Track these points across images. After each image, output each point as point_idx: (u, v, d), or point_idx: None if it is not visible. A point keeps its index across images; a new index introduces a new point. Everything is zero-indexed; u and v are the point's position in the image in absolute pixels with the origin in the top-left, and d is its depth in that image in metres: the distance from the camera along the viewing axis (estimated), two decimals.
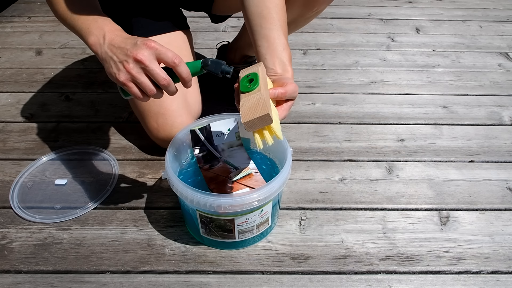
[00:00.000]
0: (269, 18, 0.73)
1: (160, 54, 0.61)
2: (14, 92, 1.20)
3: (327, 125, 1.08)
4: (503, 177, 0.93)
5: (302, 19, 0.96)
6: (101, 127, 1.06)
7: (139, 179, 0.91)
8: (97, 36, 0.65)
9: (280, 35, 0.72)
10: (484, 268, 0.74)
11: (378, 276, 0.73)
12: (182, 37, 0.99)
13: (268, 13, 0.73)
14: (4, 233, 0.80)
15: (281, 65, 0.71)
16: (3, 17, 1.63)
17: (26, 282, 0.71)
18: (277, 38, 0.72)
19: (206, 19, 1.58)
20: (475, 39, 1.51)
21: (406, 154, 0.99)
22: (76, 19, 0.69)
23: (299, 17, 0.94)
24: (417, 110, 1.14)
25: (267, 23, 0.73)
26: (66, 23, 0.72)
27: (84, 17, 0.68)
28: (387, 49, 1.44)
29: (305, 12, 0.93)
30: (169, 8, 1.00)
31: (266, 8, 0.74)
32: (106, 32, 0.64)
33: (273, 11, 0.73)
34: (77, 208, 0.84)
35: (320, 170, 0.94)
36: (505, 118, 1.11)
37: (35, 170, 0.93)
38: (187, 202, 0.70)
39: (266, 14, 0.73)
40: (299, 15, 0.93)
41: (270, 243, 0.78)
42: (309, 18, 0.97)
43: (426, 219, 0.83)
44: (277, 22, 0.73)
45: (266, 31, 0.73)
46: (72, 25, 0.70)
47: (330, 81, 1.26)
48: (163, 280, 0.72)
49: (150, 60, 0.60)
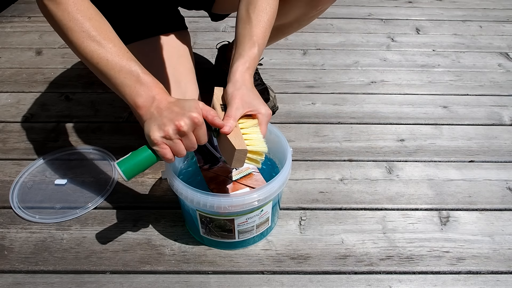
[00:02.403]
0: (247, 21, 0.72)
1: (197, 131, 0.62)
2: (14, 92, 1.20)
3: (327, 125, 1.08)
4: (503, 177, 0.93)
5: (305, 18, 0.96)
6: (101, 127, 1.06)
7: (139, 179, 0.91)
8: (146, 99, 0.63)
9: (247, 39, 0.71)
10: (484, 268, 0.74)
11: (378, 276, 0.73)
12: (181, 37, 0.99)
13: (248, 17, 0.72)
14: (4, 233, 0.80)
15: (231, 74, 0.69)
16: (3, 17, 1.63)
17: (26, 282, 0.71)
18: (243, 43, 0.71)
19: (206, 19, 1.58)
20: (475, 39, 1.51)
21: (406, 154, 0.99)
22: (117, 71, 0.63)
23: (303, 16, 0.94)
24: (417, 110, 1.14)
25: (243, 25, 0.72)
26: (96, 67, 0.64)
27: (126, 69, 0.63)
28: (387, 49, 1.44)
29: (309, 11, 0.93)
30: (168, 8, 1.00)
31: (248, 12, 0.73)
32: (155, 95, 0.63)
33: (254, 15, 0.72)
34: (77, 208, 0.84)
35: (320, 170, 0.94)
36: (505, 118, 1.11)
37: (35, 170, 0.93)
38: (187, 202, 0.70)
39: (246, 17, 0.73)
40: (303, 14, 0.93)
41: (270, 243, 0.78)
42: (313, 17, 0.97)
43: (426, 219, 0.83)
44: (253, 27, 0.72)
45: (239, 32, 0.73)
46: (108, 74, 0.63)
47: (330, 81, 1.26)
48: (163, 280, 0.72)
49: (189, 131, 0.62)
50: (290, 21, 0.95)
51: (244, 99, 0.66)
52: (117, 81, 0.64)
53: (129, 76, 0.63)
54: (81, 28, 0.62)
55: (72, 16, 0.62)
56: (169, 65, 0.92)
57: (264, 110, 0.67)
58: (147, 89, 0.64)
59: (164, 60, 0.92)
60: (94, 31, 0.63)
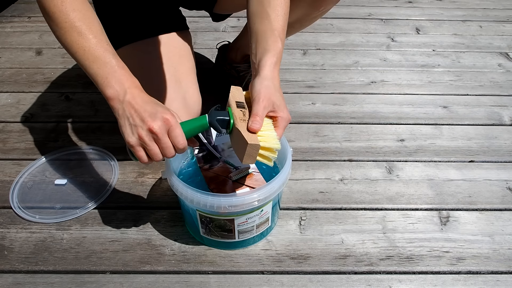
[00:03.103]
0: (265, 16, 0.71)
1: (171, 132, 0.62)
2: (14, 92, 1.20)
3: (327, 125, 1.08)
4: (503, 177, 0.93)
5: (307, 18, 0.96)
6: (101, 127, 1.06)
7: (139, 179, 0.91)
8: (117, 91, 0.64)
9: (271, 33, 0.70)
10: (484, 268, 0.74)
11: (378, 276, 0.73)
12: (182, 37, 0.99)
13: (264, 12, 0.71)
14: (4, 233, 0.80)
15: (260, 69, 0.68)
16: (3, 17, 1.63)
17: (26, 282, 0.71)
18: (266, 36, 0.70)
19: (206, 19, 1.58)
20: (475, 39, 1.51)
21: (406, 154, 0.99)
22: (91, 61, 0.64)
23: (305, 16, 0.94)
24: (417, 110, 1.14)
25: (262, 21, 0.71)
26: (74, 56, 0.66)
27: (101, 60, 0.64)
28: (387, 49, 1.44)
29: (311, 12, 0.92)
30: (169, 8, 1.00)
31: (263, 7, 0.72)
32: (127, 89, 0.64)
33: (271, 9, 0.72)
34: (77, 208, 0.84)
35: (320, 170, 0.94)
36: (505, 118, 1.11)
37: (35, 170, 0.93)
38: (187, 202, 0.70)
39: (262, 12, 0.71)
40: (305, 15, 0.93)
41: (270, 243, 0.78)
42: (315, 18, 0.97)
43: (426, 219, 0.83)
44: (272, 21, 0.71)
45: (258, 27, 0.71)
46: (84, 64, 0.65)
47: (330, 81, 1.26)
48: (163, 280, 0.72)
49: (163, 134, 0.62)
50: (292, 21, 0.95)
51: (272, 99, 0.65)
52: (91, 71, 0.64)
53: (103, 67, 0.64)
54: (65, 19, 0.64)
55: (58, 8, 0.65)
56: (170, 65, 0.92)
57: (285, 114, 0.67)
58: (119, 81, 0.64)
59: (165, 60, 0.92)
60: (78, 22, 0.64)
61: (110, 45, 0.66)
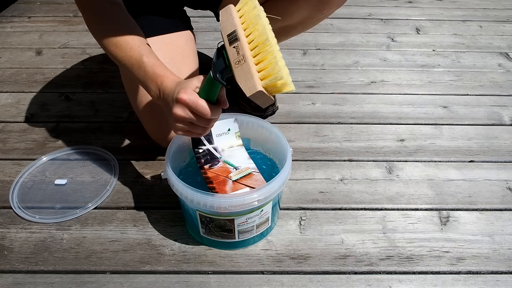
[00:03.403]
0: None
1: (193, 109, 0.64)
2: (14, 92, 1.20)
3: (327, 125, 1.08)
4: (503, 177, 0.93)
5: (311, 21, 0.96)
6: (101, 127, 1.06)
7: (139, 179, 0.91)
8: (155, 92, 0.71)
9: None
10: (484, 268, 0.74)
11: (378, 276, 0.73)
12: (186, 37, 0.99)
13: None
14: (4, 233, 0.80)
15: None
16: (3, 17, 1.63)
17: (26, 282, 0.71)
18: None
19: (206, 19, 1.58)
20: (475, 39, 1.51)
21: (406, 154, 0.99)
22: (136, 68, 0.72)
23: (308, 19, 0.94)
24: (417, 110, 1.14)
25: None
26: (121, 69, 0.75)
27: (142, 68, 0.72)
28: (387, 49, 1.44)
29: (314, 14, 0.92)
30: (174, 8, 1.00)
31: None
32: (159, 86, 0.70)
33: None
34: (77, 208, 0.84)
35: (320, 170, 0.94)
36: (505, 118, 1.11)
37: (35, 170, 0.93)
38: (187, 202, 0.70)
39: None
40: (308, 17, 0.93)
41: (270, 243, 0.78)
42: (318, 21, 0.97)
43: (426, 219, 0.83)
44: None
45: None
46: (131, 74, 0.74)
47: (330, 81, 1.26)
48: (163, 280, 0.72)
49: (189, 115, 0.65)
50: (295, 23, 0.95)
51: None
52: (138, 78, 0.73)
53: (142, 73, 0.72)
54: (105, 35, 0.74)
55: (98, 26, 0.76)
56: (173, 65, 0.92)
57: None
58: (153, 81, 0.71)
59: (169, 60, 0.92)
60: (116, 38, 0.73)
61: (141, 46, 0.73)
